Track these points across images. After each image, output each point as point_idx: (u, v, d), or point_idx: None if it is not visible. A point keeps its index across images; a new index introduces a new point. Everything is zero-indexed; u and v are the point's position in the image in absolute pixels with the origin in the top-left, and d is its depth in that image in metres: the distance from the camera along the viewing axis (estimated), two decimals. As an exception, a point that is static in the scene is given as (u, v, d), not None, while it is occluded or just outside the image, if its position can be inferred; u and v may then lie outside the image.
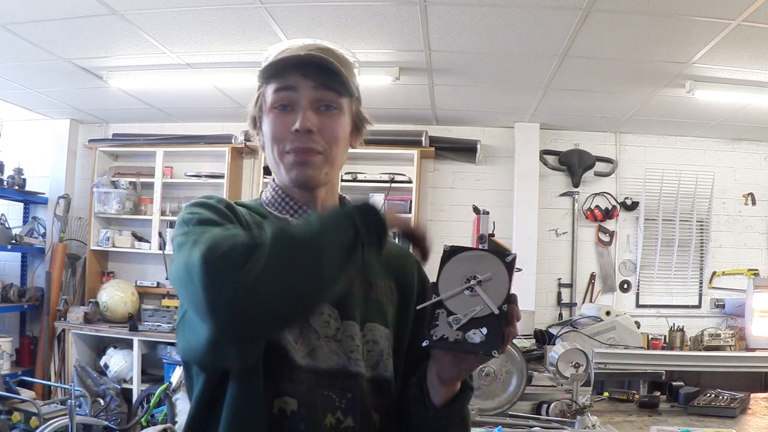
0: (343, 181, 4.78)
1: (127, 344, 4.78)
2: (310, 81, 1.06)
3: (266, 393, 0.96)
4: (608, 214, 5.08)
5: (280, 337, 0.97)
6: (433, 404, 1.03)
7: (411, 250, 0.97)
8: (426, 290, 1.15)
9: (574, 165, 5.06)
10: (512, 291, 0.91)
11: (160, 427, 3.56)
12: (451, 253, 0.95)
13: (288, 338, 0.98)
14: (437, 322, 0.92)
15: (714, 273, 5.08)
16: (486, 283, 0.91)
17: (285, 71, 1.06)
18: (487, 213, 2.92)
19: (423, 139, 4.93)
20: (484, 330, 0.89)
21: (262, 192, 1.18)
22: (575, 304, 5.00)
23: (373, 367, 1.06)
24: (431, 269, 1.01)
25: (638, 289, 5.10)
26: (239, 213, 1.03)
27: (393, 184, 4.85)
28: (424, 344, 0.94)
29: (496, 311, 0.89)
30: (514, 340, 2.90)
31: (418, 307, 1.02)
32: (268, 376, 0.97)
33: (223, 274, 0.78)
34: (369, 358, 1.06)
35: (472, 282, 0.91)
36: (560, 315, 5.01)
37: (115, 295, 4.87)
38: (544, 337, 3.96)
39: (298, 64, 1.05)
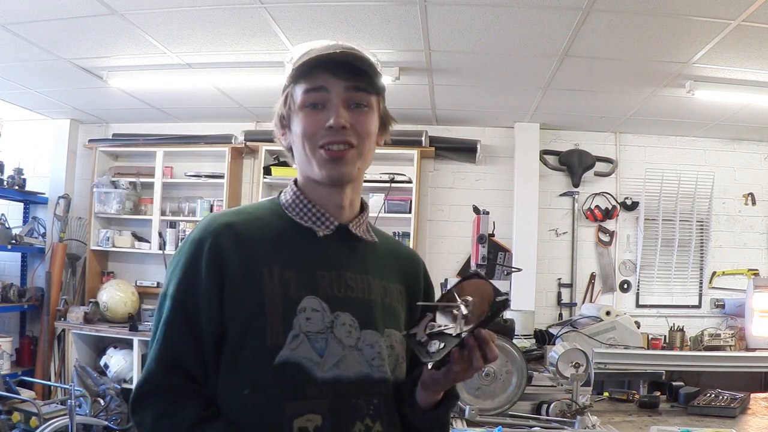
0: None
1: (127, 344, 4.78)
2: (341, 81, 1.07)
3: (284, 415, 0.97)
4: (608, 214, 5.08)
5: (299, 357, 0.99)
6: (419, 407, 1.08)
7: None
8: (430, 293, 1.22)
9: (574, 165, 5.06)
10: (487, 326, 0.97)
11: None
12: (471, 275, 1.05)
13: (310, 354, 1.00)
14: (421, 322, 1.02)
15: (714, 273, 5.08)
16: (469, 310, 0.98)
17: (314, 71, 1.07)
18: (487, 213, 2.93)
19: (423, 139, 4.92)
20: (442, 345, 0.97)
21: (281, 192, 1.18)
22: (575, 304, 4.99)
23: (392, 371, 1.09)
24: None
25: (638, 289, 5.09)
26: (223, 260, 1.02)
27: (393, 184, 4.84)
28: (402, 333, 1.07)
29: (454, 333, 0.96)
30: (514, 340, 2.91)
31: (419, 303, 1.10)
32: (287, 397, 0.97)
33: None
34: (390, 362, 1.08)
35: (460, 303, 0.98)
36: (560, 315, 5.01)
37: (115, 295, 4.87)
38: (544, 337, 3.95)
39: (328, 64, 1.06)
